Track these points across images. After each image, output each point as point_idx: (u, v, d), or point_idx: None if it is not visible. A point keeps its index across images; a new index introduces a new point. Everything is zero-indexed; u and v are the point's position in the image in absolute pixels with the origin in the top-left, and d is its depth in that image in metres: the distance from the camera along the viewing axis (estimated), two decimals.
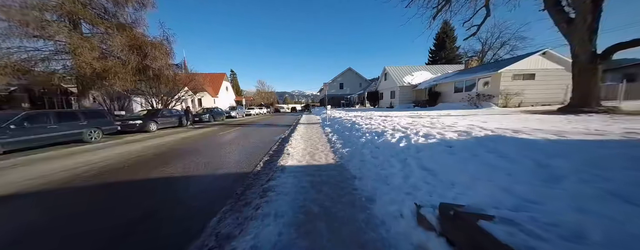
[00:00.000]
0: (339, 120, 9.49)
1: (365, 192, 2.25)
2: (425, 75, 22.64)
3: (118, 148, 5.84)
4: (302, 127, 9.60)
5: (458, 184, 1.87)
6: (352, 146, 4.42)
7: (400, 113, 12.41)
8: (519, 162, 1.92)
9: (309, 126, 9.84)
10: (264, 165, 3.77)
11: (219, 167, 3.77)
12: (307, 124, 11.16)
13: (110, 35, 10.13)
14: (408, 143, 3.30)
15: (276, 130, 9.55)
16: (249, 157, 4.43)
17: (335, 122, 9.43)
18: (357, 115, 10.58)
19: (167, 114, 10.98)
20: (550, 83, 13.73)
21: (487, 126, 4.54)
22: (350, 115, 11.06)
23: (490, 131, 3.75)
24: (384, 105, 25.62)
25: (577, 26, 7.19)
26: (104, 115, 7.65)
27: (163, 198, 2.60)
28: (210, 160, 4.30)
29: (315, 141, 5.74)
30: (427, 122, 5.83)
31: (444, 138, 3.17)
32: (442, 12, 11.31)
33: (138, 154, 5.03)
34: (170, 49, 12.09)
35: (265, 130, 9.76)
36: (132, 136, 8.38)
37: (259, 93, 67.96)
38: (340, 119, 9.56)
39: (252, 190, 2.57)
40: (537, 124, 5.31)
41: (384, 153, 3.28)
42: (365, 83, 44.14)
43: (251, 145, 5.92)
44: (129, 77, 10.52)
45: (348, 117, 10.12)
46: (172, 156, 4.70)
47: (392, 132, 4.35)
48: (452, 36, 36.41)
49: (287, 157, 3.99)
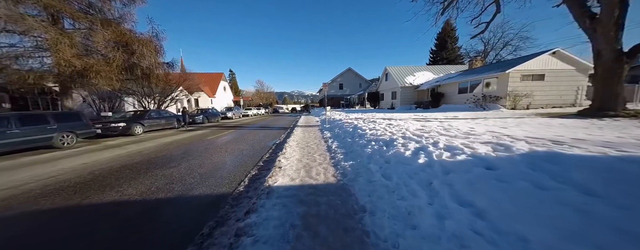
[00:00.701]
0: (339, 123, 8.79)
1: (382, 241, 1.55)
2: (427, 75, 22.01)
3: (86, 156, 5.11)
4: (300, 130, 8.90)
5: (535, 242, 1.17)
6: (355, 158, 3.72)
7: (404, 115, 11.72)
8: (627, 206, 1.23)
9: (306, 129, 9.14)
10: (249, 183, 3.07)
11: (193, 186, 3.06)
12: (305, 126, 10.46)
13: (94, 31, 9.40)
14: (429, 159, 2.60)
15: (271, 134, 8.84)
16: (233, 171, 3.72)
17: (336, 125, 8.74)
18: (358, 118, 9.87)
19: (155, 116, 10.24)
20: (561, 84, 13.10)
21: (515, 134, 3.86)
22: (351, 118, 10.37)
23: (523, 141, 3.06)
24: (384, 107, 24.96)
25: (602, 21, 6.53)
26: (80, 117, 6.91)
27: (91, 241, 1.89)
28: (186, 174, 3.59)
29: (312, 149, 5.05)
30: (441, 128, 5.14)
31: (475, 153, 2.48)
32: (449, 8, 10.66)
33: (103, 165, 4.31)
34: (159, 46, 11.35)
35: (259, 133, 9.05)
36: (112, 140, 7.65)
37: (258, 93, 67.23)
38: (340, 122, 8.87)
39: (223, 229, 1.86)
40: (569, 132, 4.63)
41: (398, 171, 2.59)
42: (365, 83, 43.50)
43: (240, 153, 5.21)
44: (114, 75, 9.77)
45: (349, 119, 9.43)
46: (142, 168, 3.98)
47: (404, 142, 3.65)
48: (454, 36, 35.83)
49: (277, 173, 3.29)
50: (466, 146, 2.83)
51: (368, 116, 11.28)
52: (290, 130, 9.45)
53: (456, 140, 3.36)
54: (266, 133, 9.09)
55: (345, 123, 8.30)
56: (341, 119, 10.01)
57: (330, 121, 10.28)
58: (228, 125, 12.75)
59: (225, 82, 40.61)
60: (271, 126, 12.05)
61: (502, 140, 3.16)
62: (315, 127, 9.81)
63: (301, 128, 9.76)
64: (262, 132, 9.41)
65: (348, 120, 9.23)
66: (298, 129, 9.27)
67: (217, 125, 13.48)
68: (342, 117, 11.03)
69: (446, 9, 10.35)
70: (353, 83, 44.18)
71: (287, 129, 10.44)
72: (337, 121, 9.72)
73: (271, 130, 9.86)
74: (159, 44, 11.42)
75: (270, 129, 10.51)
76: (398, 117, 10.62)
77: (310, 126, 10.37)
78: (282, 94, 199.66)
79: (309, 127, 9.91)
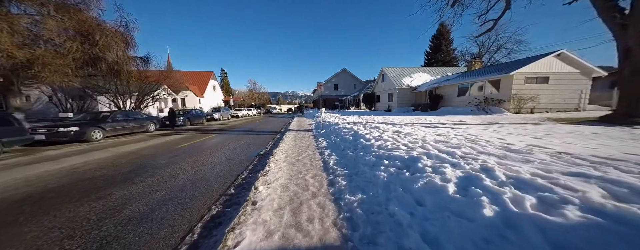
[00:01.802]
0: (336, 128, 7.69)
1: None
2: (424, 77, 21.35)
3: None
4: (291, 136, 7.74)
5: None
6: (365, 187, 2.60)
7: (405, 118, 10.77)
8: None
9: (298, 135, 7.98)
10: (196, 242, 1.89)
11: (103, 245, 1.85)
12: (297, 130, 9.30)
13: (45, 17, 7.88)
14: (501, 209, 1.52)
15: (257, 141, 7.63)
16: (183, 208, 2.52)
17: (332, 130, 7.63)
18: (356, 122, 8.81)
19: (121, 118, 8.75)
20: (565, 87, 12.58)
21: (578, 151, 2.84)
22: (349, 121, 9.29)
23: (611, 167, 2.05)
24: (380, 108, 24.14)
25: (634, 16, 5.78)
26: (9, 120, 5.45)
27: None
28: (103, 218, 2.36)
29: (305, 165, 3.90)
30: (464, 139, 4.12)
31: (586, 199, 1.42)
32: (456, 5, 9.82)
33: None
34: (129, 38, 9.88)
35: (244, 139, 7.81)
36: (57, 149, 6.21)
37: (251, 93, 65.36)
38: (337, 127, 7.77)
39: None
40: (616, 143, 3.71)
41: (450, 231, 1.50)
42: (360, 84, 42.78)
43: (209, 171, 3.99)
44: (71, 70, 8.26)
45: (346, 123, 8.34)
46: (51, 202, 2.71)
47: (433, 164, 2.57)
48: (449, 38, 35.67)
49: (248, 217, 2.12)
50: (548, 180, 1.77)
51: (367, 119, 10.25)
52: (280, 135, 8.27)
53: (513, 164, 2.30)
54: (252, 139, 7.86)
55: (343, 129, 7.21)
56: (338, 123, 8.91)
57: (325, 125, 9.16)
58: (211, 129, 11.38)
59: (215, 81, 38.78)
60: (259, 130, 10.80)
61: (592, 169, 2.12)
62: (309, 133, 8.66)
63: (293, 133, 8.59)
64: (247, 137, 8.17)
65: (346, 124, 8.15)
66: (289, 135, 8.10)
67: (200, 128, 12.07)
68: (338, 121, 9.93)
69: (454, 4, 9.48)
70: (348, 84, 43.35)
71: (276, 133, 9.23)
72: (333, 125, 8.61)
73: (258, 136, 8.63)
74: (129, 35, 9.95)
75: (258, 134, 9.27)
76: (399, 120, 9.64)
77: (303, 131, 9.22)
78: (276, 95, 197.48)
79: (301, 132, 8.75)
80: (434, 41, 36.39)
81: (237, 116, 25.28)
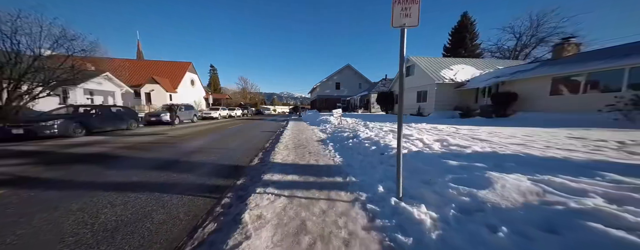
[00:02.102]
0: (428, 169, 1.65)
1: None
2: (468, 70, 15.72)
3: None
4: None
5: None
6: None
7: (505, 134, 4.71)
8: None
9: (302, 199, 1.91)
10: None
11: None
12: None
13: None
14: None
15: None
16: None
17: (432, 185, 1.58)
18: (448, 144, 2.84)
19: None
20: None
21: None
22: (428, 142, 3.26)
23: None
24: (403, 112, 18.34)
25: None
26: None
27: None
28: None
29: None
30: None
31: None
32: None
33: None
34: None
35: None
36: None
37: (243, 92, 58.95)
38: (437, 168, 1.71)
39: None
40: None
41: None
42: (365, 84, 37.14)
43: None
44: None
45: (432, 148, 2.31)
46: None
47: None
48: (473, 31, 30.52)
49: None
50: None
51: (444, 136, 4.26)
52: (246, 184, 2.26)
53: None
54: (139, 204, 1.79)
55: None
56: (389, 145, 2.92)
57: (365, 149, 3.19)
58: (94, 151, 5.18)
59: (195, 75, 32.36)
60: (212, 149, 4.76)
61: None
62: (332, 179, 2.62)
63: (284, 173, 2.54)
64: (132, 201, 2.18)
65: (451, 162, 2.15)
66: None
67: (85, 144, 5.84)
68: (388, 138, 3.93)
69: None
70: (352, 83, 37.64)
71: (240, 169, 3.20)
72: (414, 159, 2.59)
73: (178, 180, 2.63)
74: None
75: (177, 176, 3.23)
76: (543, 140, 3.71)
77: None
78: (271, 95, 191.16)
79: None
80: (455, 35, 31.16)
81: (212, 117, 18.92)
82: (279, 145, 5.25)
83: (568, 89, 9.11)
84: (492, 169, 2.02)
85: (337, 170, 3.10)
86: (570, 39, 10.94)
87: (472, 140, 4.09)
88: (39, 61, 8.65)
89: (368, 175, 2.69)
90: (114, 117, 8.35)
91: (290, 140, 6.16)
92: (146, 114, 11.83)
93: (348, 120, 10.33)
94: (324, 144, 5.38)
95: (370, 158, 3.37)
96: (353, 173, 2.88)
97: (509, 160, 2.36)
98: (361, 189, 2.29)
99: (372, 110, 25.29)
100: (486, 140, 4.04)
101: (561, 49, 11.08)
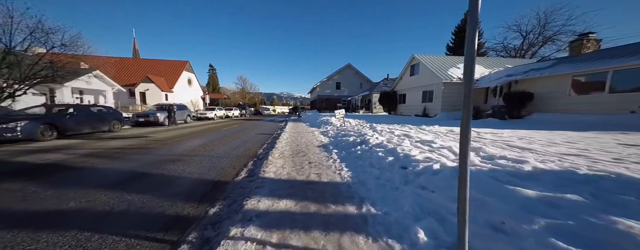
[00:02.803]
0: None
1: None
2: (476, 69, 14.93)
3: None
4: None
5: None
6: None
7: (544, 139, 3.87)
8: None
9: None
10: None
11: None
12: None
13: None
14: None
15: None
16: None
17: None
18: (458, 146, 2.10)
19: None
20: None
21: None
22: (444, 152, 2.55)
23: None
24: (406, 112, 17.56)
25: None
26: None
27: None
28: None
29: None
30: None
31: None
32: None
33: None
34: None
35: None
36: None
37: (243, 92, 58.16)
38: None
39: None
40: None
41: None
42: (366, 84, 36.36)
43: None
44: None
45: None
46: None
47: None
48: (477, 30, 29.75)
49: None
50: None
51: (473, 143, 3.47)
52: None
53: None
54: None
55: None
56: (414, 156, 2.21)
57: (373, 157, 2.43)
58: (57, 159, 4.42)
59: (191, 74, 31.57)
60: (189, 156, 4.00)
61: None
62: (342, 208, 1.85)
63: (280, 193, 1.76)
64: None
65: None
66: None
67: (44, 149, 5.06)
68: (406, 146, 3.12)
69: None
70: (353, 82, 36.85)
71: (221, 185, 2.43)
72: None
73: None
74: None
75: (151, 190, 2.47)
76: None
77: (313, 190, 2.47)
78: (271, 95, 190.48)
79: (309, 206, 1.93)
80: (459, 34, 30.44)
81: (207, 117, 18.13)
82: (273, 152, 4.47)
83: (592, 88, 8.35)
84: (605, 209, 1.25)
85: (346, 192, 2.32)
86: (590, 34, 10.18)
87: (509, 148, 3.32)
88: (13, 55, 7.87)
89: (392, 203, 1.92)
90: (94, 118, 7.54)
91: (287, 145, 5.38)
92: (134, 114, 11.02)
93: (351, 121, 9.55)
94: (326, 151, 4.60)
95: (388, 173, 2.60)
96: (369, 198, 2.10)
97: (605, 186, 1.58)
98: (388, 232, 1.51)
99: (374, 111, 24.54)
100: (527, 149, 3.28)
101: (580, 45, 10.31)
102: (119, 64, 24.97)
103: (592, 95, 8.30)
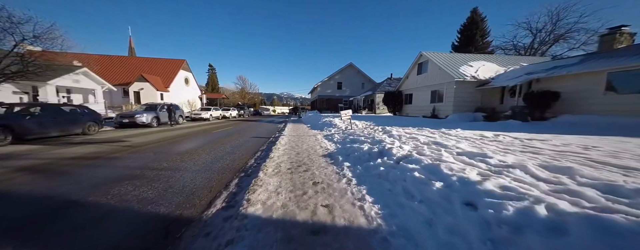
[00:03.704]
0: None
1: None
2: (490, 67, 13.98)
3: None
4: None
5: None
6: None
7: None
8: None
9: None
10: None
11: None
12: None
13: None
14: None
15: None
16: None
17: None
18: None
19: None
20: None
21: None
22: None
23: None
24: (415, 113, 16.53)
25: None
26: None
27: None
28: None
29: None
30: None
31: None
32: None
33: None
34: None
35: None
36: None
37: (242, 92, 57.22)
38: None
39: None
40: None
41: None
42: (369, 84, 35.34)
43: None
44: None
45: None
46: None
47: None
48: (484, 28, 28.77)
49: None
50: None
51: (531, 157, 2.46)
52: None
53: None
54: None
55: None
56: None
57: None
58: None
59: (189, 73, 30.61)
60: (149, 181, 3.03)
61: None
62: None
63: None
64: None
65: None
66: None
67: None
68: (451, 162, 2.09)
69: None
70: (355, 82, 35.83)
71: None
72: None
73: None
74: None
75: None
76: None
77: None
78: (271, 96, 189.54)
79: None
80: (465, 32, 29.46)
81: (202, 118, 17.14)
82: (267, 165, 3.47)
83: (633, 87, 7.35)
84: None
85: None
86: (622, 28, 9.18)
87: (605, 165, 2.32)
88: None
89: None
90: (64, 119, 6.55)
91: (285, 154, 4.39)
92: (117, 114, 10.01)
93: (357, 123, 8.56)
94: (334, 163, 3.60)
95: (447, 217, 1.60)
96: None
97: None
98: None
99: (377, 112, 23.53)
100: (601, 162, 2.28)
101: (612, 39, 9.32)
102: (111, 61, 24.00)
103: (635, 95, 7.28)
